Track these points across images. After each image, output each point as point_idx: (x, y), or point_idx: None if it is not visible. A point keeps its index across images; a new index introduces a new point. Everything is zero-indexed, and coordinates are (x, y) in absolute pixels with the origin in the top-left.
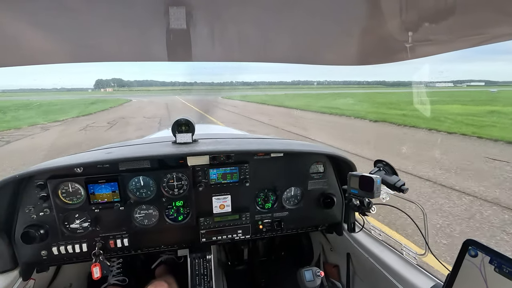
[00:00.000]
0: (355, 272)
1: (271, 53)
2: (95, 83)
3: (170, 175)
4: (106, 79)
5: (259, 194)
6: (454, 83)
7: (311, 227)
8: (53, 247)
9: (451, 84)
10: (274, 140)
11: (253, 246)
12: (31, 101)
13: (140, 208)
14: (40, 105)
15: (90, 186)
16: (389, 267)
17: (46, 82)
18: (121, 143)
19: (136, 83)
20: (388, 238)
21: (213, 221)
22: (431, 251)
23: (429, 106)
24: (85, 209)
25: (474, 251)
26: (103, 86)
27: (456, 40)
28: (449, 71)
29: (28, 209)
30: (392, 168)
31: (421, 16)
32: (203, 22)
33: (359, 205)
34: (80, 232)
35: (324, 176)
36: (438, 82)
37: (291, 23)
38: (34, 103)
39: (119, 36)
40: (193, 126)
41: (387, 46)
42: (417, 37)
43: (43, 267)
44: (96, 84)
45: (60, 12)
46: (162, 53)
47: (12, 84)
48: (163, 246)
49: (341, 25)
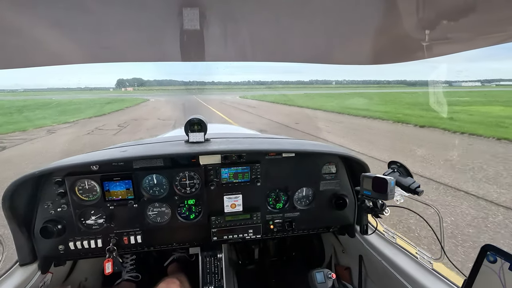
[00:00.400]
0: (367, 275)
1: (284, 52)
2: (116, 83)
3: (183, 173)
4: (127, 78)
5: (270, 194)
6: (481, 82)
7: (323, 228)
8: (70, 242)
9: (478, 83)
10: (286, 140)
11: (264, 246)
12: (51, 100)
13: (153, 206)
14: (58, 104)
15: (105, 183)
16: (403, 270)
17: (71, 81)
18: (135, 142)
19: (156, 82)
20: (402, 241)
21: (224, 220)
22: (446, 256)
23: (464, 107)
24: (101, 205)
25: (493, 257)
26: (123, 85)
27: (476, 38)
28: (475, 70)
29: (46, 204)
30: (407, 169)
31: (439, 13)
32: (216, 23)
33: (372, 207)
34: (95, 228)
35: (337, 177)
36: (465, 82)
37: (304, 22)
38: (53, 102)
39: (135, 37)
40: (206, 125)
41: (403, 45)
42: (435, 35)
43: (60, 261)
44: (117, 83)
45: (79, 15)
46: (176, 54)
47: (41, 83)
48: (175, 243)
49: (356, 23)
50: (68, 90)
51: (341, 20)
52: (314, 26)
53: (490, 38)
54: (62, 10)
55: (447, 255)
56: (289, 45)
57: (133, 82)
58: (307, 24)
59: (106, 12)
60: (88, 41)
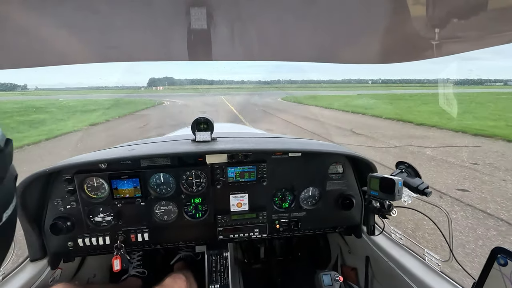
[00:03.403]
0: (374, 276)
1: (291, 52)
2: (148, 82)
3: (189, 172)
4: (159, 77)
5: (276, 193)
6: (504, 82)
7: (329, 228)
8: (79, 239)
9: (501, 83)
10: (292, 140)
11: (270, 245)
12: (60, 101)
13: (160, 204)
14: (63, 107)
15: (113, 181)
16: (410, 272)
17: (90, 80)
18: (143, 141)
19: (187, 81)
20: (409, 243)
21: (230, 219)
22: (455, 258)
23: None
24: (109, 203)
25: (504, 260)
26: (155, 84)
27: (487, 37)
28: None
29: (56, 201)
30: (415, 170)
31: (449, 12)
32: (223, 22)
33: (379, 207)
34: (103, 226)
35: (343, 177)
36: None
37: (311, 20)
38: (59, 103)
39: (143, 37)
40: (212, 124)
41: (412, 43)
42: (445, 34)
43: (69, 258)
44: (149, 82)
45: (88, 16)
46: (183, 53)
47: (63, 82)
48: (181, 241)
49: (364, 22)
50: (89, 89)
51: (349, 18)
52: (321, 25)
53: (502, 37)
54: (70, 10)
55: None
56: (296, 44)
57: (164, 81)
58: (314, 22)
59: (114, 12)
60: (96, 41)
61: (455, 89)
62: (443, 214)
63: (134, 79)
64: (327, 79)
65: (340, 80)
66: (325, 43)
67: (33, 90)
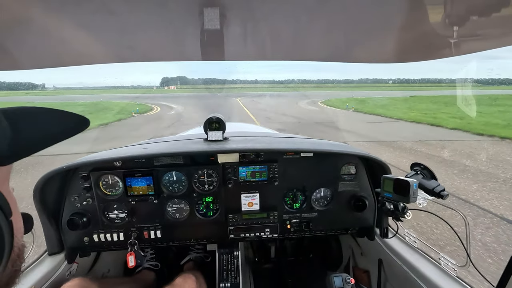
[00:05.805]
0: (387, 280)
1: (304, 51)
2: (161, 81)
3: (201, 171)
4: (172, 77)
5: (287, 193)
6: None
7: (341, 229)
8: (94, 235)
9: None
10: (304, 140)
11: (280, 245)
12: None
13: (173, 202)
14: None
15: (127, 179)
16: (425, 277)
17: (108, 80)
18: (156, 139)
19: (200, 81)
20: (424, 246)
21: (242, 218)
22: (472, 263)
23: None
24: (123, 200)
25: None
26: (168, 84)
27: (509, 34)
28: None
29: (73, 198)
30: (431, 172)
31: (468, 9)
32: (236, 22)
33: (393, 209)
34: (117, 222)
35: (356, 178)
36: None
37: (325, 19)
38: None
39: (157, 37)
40: (224, 124)
41: (429, 42)
42: (464, 32)
43: (85, 253)
44: (161, 82)
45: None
46: (196, 53)
47: (81, 82)
48: (193, 239)
49: (379, 20)
50: (106, 88)
51: (363, 17)
52: (335, 23)
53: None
54: (88, 12)
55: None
56: (310, 43)
57: (176, 80)
58: (328, 21)
59: (130, 14)
60: (113, 41)
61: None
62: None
63: (147, 78)
64: (343, 79)
65: (356, 79)
66: (339, 42)
67: (51, 90)
